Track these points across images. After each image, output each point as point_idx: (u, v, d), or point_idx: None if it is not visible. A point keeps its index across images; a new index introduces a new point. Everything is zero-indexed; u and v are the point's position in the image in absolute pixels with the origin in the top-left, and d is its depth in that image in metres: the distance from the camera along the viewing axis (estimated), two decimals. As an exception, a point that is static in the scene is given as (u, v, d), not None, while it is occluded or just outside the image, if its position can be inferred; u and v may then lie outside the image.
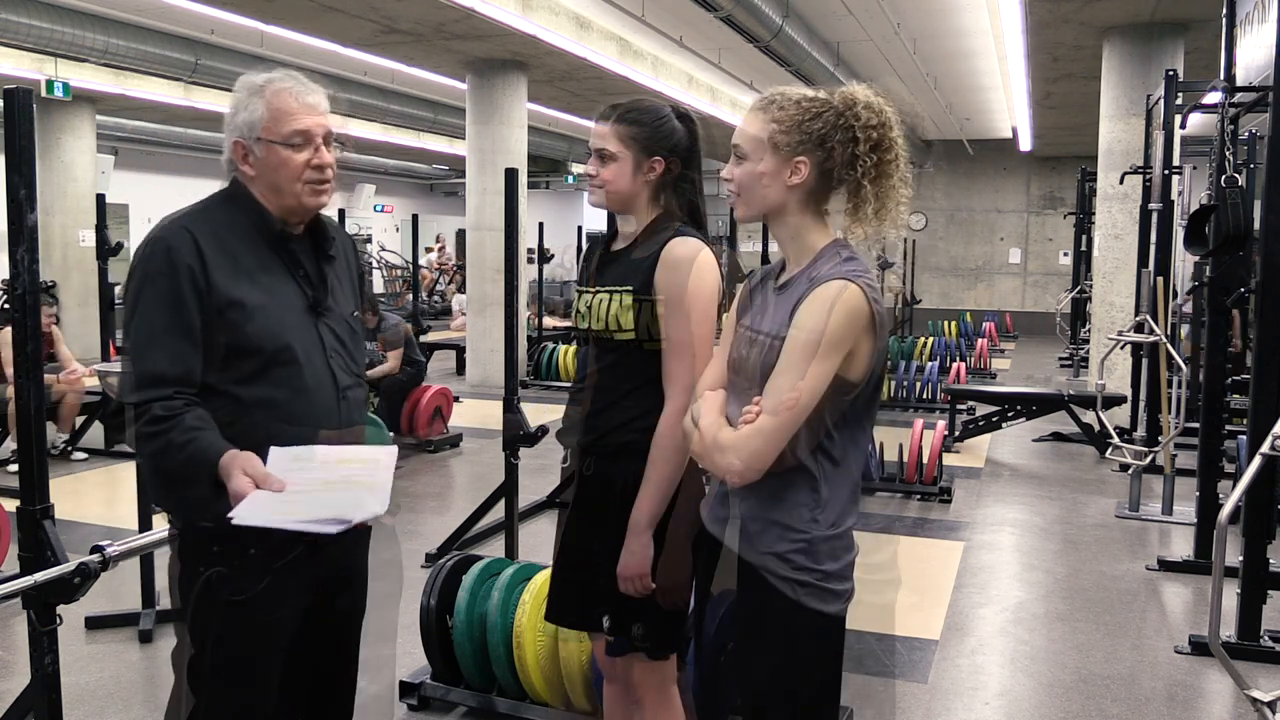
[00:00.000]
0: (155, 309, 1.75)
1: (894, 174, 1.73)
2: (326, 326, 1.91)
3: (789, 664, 1.71)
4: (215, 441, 1.72)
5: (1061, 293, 15.55)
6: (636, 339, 2.08)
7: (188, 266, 1.75)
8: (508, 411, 3.93)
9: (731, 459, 1.67)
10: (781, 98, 1.75)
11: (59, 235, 12.61)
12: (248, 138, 1.84)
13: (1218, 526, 2.48)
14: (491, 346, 10.36)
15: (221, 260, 1.78)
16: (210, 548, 1.79)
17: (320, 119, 1.87)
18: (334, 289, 1.95)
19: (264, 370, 1.80)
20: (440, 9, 8.09)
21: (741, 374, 1.78)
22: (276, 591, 1.85)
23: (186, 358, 1.75)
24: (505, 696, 3.13)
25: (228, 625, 1.83)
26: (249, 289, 1.80)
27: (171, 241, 1.76)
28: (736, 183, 1.77)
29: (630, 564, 2.05)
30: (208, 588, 1.80)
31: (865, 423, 1.75)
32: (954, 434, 7.43)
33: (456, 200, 24.65)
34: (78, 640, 3.73)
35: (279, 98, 1.83)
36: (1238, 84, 4.66)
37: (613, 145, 2.10)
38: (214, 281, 1.76)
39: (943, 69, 11.50)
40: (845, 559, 1.73)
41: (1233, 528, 2.92)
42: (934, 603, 4.32)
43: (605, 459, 2.14)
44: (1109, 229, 8.36)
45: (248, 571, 1.80)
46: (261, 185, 1.86)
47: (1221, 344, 4.87)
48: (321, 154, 1.87)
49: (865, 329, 1.65)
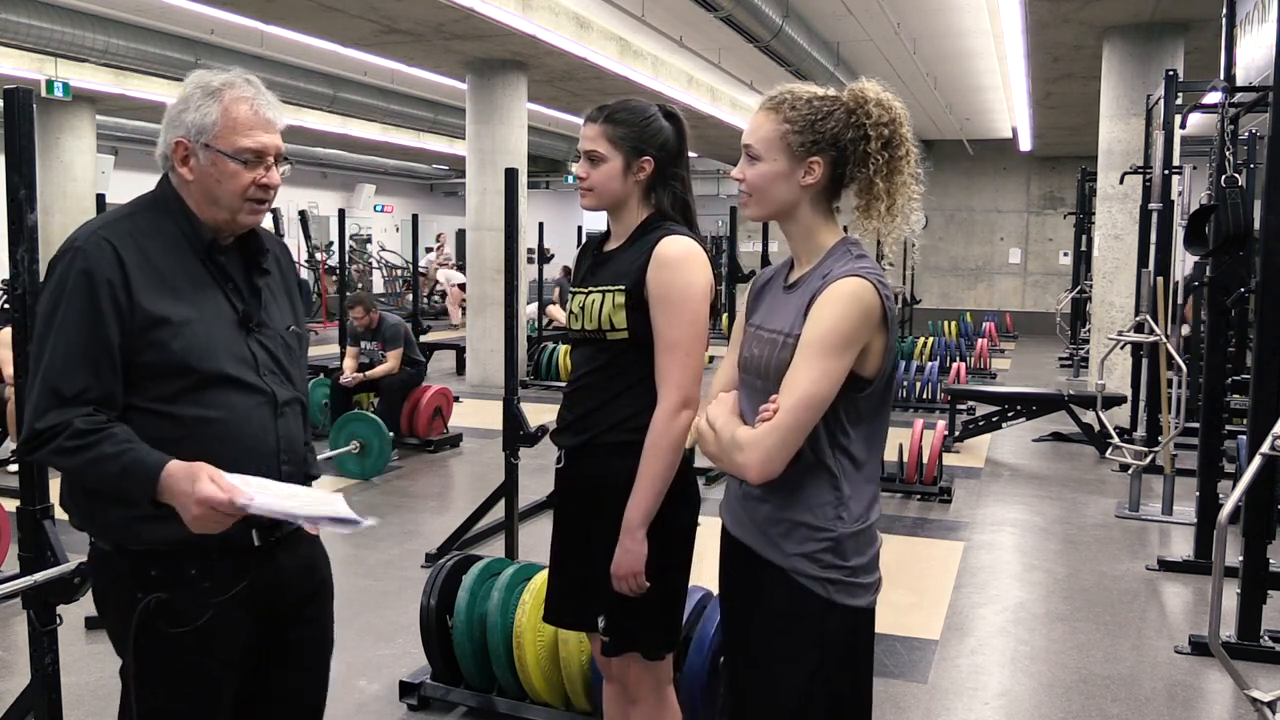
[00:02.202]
0: (73, 327, 1.61)
1: (905, 170, 1.73)
2: (258, 342, 1.77)
3: (827, 661, 1.71)
4: (151, 452, 1.58)
5: (1061, 293, 15.56)
6: (630, 338, 2.09)
7: (107, 281, 1.61)
8: (508, 411, 3.94)
9: (749, 456, 1.67)
10: (792, 97, 1.74)
11: (59, 235, 12.47)
12: (194, 140, 1.70)
13: (1218, 526, 2.48)
14: (491, 346, 10.37)
15: (144, 273, 1.65)
16: (148, 571, 1.66)
17: (275, 137, 1.75)
18: (268, 303, 1.82)
19: (193, 390, 1.67)
20: (440, 9, 8.10)
21: (753, 373, 1.78)
22: (225, 617, 1.70)
23: (107, 379, 1.62)
24: (505, 696, 3.13)
25: (175, 658, 1.69)
26: (174, 304, 1.66)
27: (90, 253, 1.63)
28: (749, 183, 1.76)
29: (625, 562, 2.05)
30: (146, 617, 1.65)
31: (881, 419, 1.76)
32: (954, 434, 7.43)
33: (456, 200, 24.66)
34: (78, 640, 3.73)
35: (236, 106, 1.70)
36: (1238, 84, 4.66)
37: (602, 147, 2.10)
38: (136, 297, 1.63)
39: (943, 69, 11.51)
40: (871, 551, 1.74)
41: (1233, 528, 2.92)
42: (934, 603, 4.32)
43: (599, 459, 2.14)
44: (1109, 229, 8.36)
45: (191, 596, 1.67)
46: (197, 192, 1.73)
47: (1221, 344, 4.87)
48: (271, 174, 1.74)
49: (878, 325, 1.66)
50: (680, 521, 2.15)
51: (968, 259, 18.48)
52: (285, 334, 1.84)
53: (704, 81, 12.81)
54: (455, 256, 21.25)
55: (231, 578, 1.70)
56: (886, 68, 11.06)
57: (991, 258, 18.41)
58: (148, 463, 1.57)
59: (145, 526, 1.64)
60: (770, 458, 1.65)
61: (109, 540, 1.71)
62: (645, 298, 2.06)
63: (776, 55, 8.99)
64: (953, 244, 18.55)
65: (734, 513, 1.84)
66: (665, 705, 2.24)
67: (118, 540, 1.69)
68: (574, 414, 2.18)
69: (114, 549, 1.70)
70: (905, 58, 10.42)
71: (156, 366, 1.65)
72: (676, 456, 2.06)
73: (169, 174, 1.76)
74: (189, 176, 1.72)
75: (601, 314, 2.10)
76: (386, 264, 21.69)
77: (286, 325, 1.86)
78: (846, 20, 9.42)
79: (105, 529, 1.71)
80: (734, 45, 9.38)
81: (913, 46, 10.24)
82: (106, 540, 1.71)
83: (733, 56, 10.39)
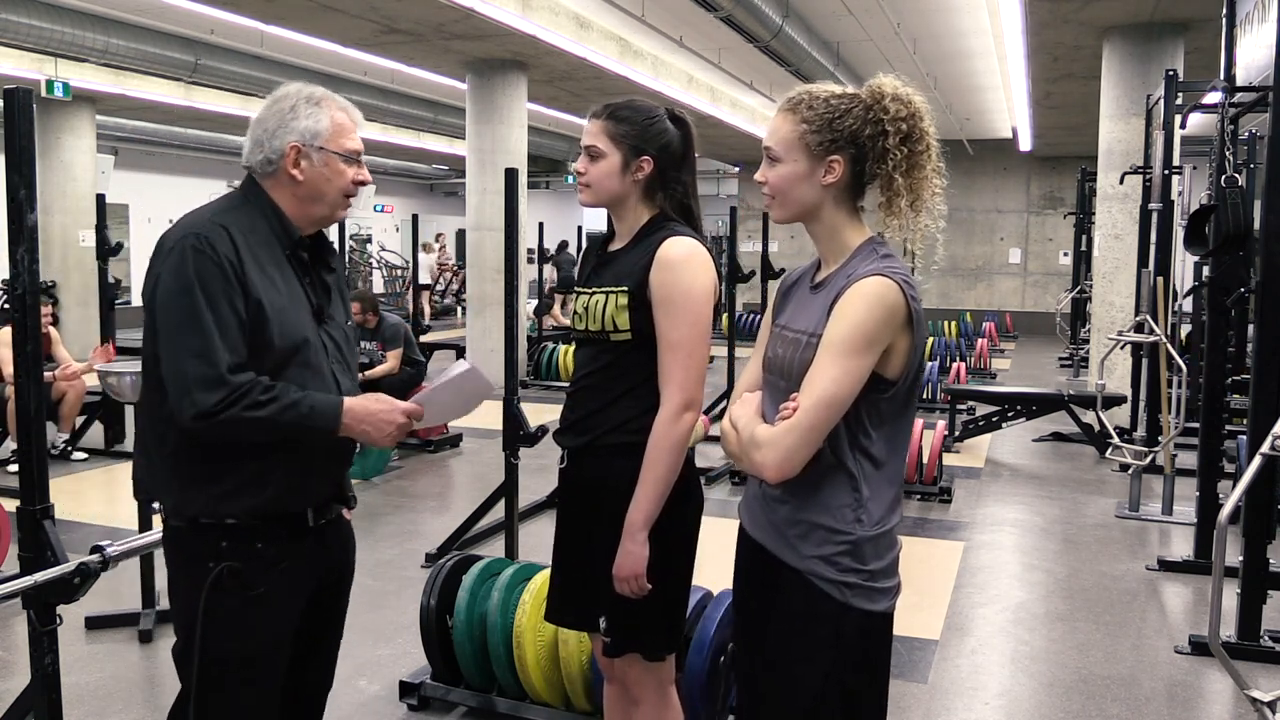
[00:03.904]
0: (220, 301, 1.77)
1: (926, 165, 1.72)
2: (327, 333, 1.96)
3: (841, 662, 1.70)
4: (326, 395, 1.85)
5: (1061, 293, 15.56)
6: (633, 339, 2.08)
7: (230, 262, 1.79)
8: (508, 411, 3.94)
9: (767, 455, 1.66)
10: (810, 97, 1.73)
11: (59, 235, 12.61)
12: (309, 144, 1.89)
13: (1218, 526, 2.48)
14: (491, 346, 10.36)
15: (251, 260, 1.83)
16: (219, 543, 1.83)
17: (361, 141, 1.98)
18: (334, 299, 2.03)
19: (279, 369, 1.83)
20: (440, 9, 8.10)
21: (777, 373, 1.77)
22: (286, 585, 1.90)
23: (244, 351, 1.80)
24: (505, 696, 3.13)
25: (241, 621, 1.85)
26: (273, 292, 1.85)
27: (213, 238, 1.79)
28: (771, 186, 1.75)
29: (626, 564, 2.05)
30: (219, 583, 1.82)
31: (904, 421, 1.73)
32: (954, 434, 7.43)
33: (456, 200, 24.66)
34: (78, 640, 3.73)
35: (339, 113, 1.93)
36: (1238, 84, 4.66)
37: (601, 143, 2.10)
38: (248, 281, 1.81)
39: (943, 69, 11.51)
40: (890, 556, 1.72)
41: (1233, 528, 2.92)
42: (934, 603, 4.32)
43: (601, 460, 2.13)
44: (1109, 229, 8.36)
45: (258, 566, 1.85)
46: (302, 191, 1.92)
47: (1221, 344, 4.87)
48: (364, 172, 1.98)
49: (903, 326, 1.64)
50: (683, 523, 2.14)
51: (968, 259, 18.48)
52: (347, 327, 2.05)
53: (704, 81, 12.81)
54: (455, 256, 21.26)
55: (291, 550, 1.90)
56: (886, 68, 10.78)
57: (991, 258, 18.41)
58: (331, 400, 1.85)
59: (224, 503, 1.83)
60: (789, 457, 1.64)
61: (184, 517, 1.87)
62: (648, 299, 2.06)
63: (776, 55, 8.99)
64: (953, 244, 18.54)
65: (752, 513, 1.83)
66: (668, 706, 2.24)
67: (195, 515, 1.85)
68: (576, 414, 2.18)
69: (188, 525, 1.86)
70: (905, 58, 10.42)
71: (255, 348, 1.81)
72: (679, 458, 2.06)
73: (261, 177, 1.93)
74: (300, 177, 1.91)
75: (605, 315, 2.10)
76: (386, 264, 21.68)
77: (345, 320, 2.06)
78: (846, 20, 9.42)
79: (184, 506, 1.86)
80: (734, 45, 9.38)
81: (913, 46, 10.24)
82: (182, 518, 1.87)
83: (733, 56, 10.39)
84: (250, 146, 1.93)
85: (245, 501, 1.83)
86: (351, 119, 1.97)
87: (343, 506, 2.05)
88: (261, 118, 1.93)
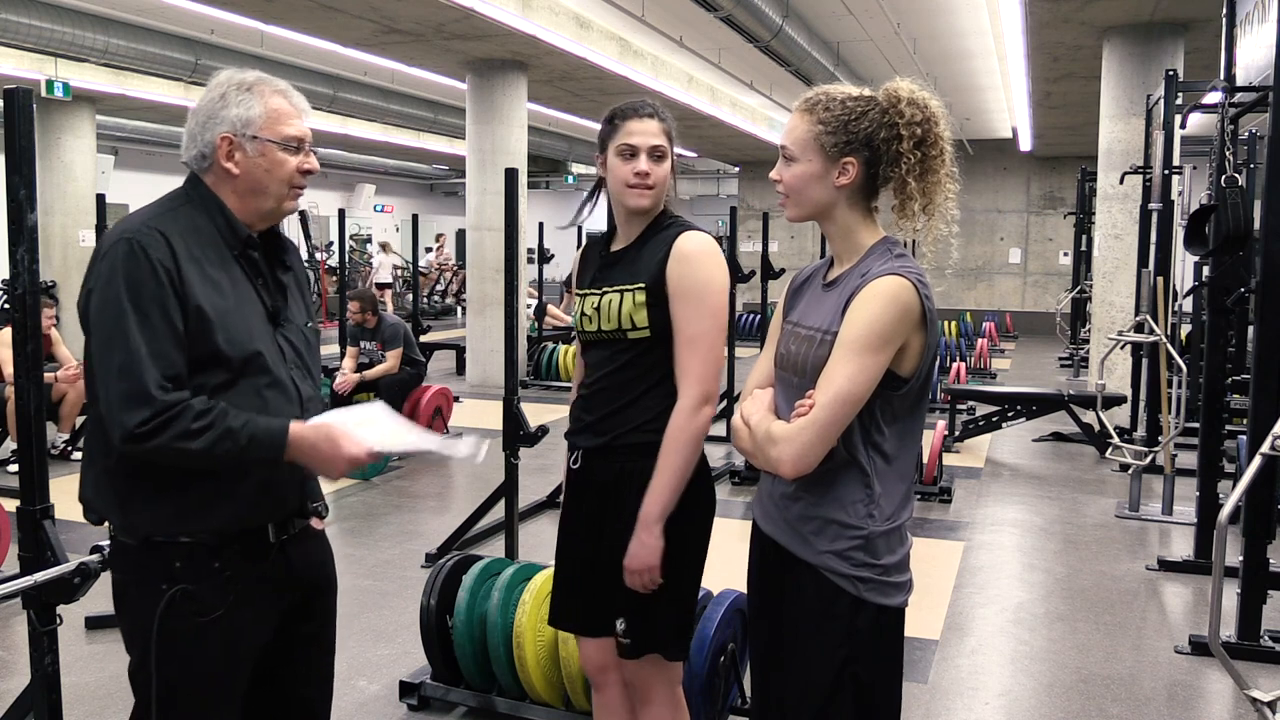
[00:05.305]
0: (153, 310, 1.64)
1: (940, 169, 1.73)
2: (284, 336, 1.84)
3: (854, 656, 1.72)
4: (269, 419, 1.69)
5: (1061, 293, 15.56)
6: (651, 336, 2.08)
7: (165, 268, 1.66)
8: (508, 411, 3.93)
9: (784, 451, 1.67)
10: (826, 98, 1.74)
11: (59, 235, 12.60)
12: (240, 134, 1.75)
13: (1218, 526, 2.48)
14: (491, 346, 10.36)
15: (191, 265, 1.70)
16: (173, 563, 1.71)
17: (307, 126, 1.84)
18: (290, 299, 1.90)
19: (232, 381, 1.72)
20: (440, 9, 8.10)
21: (790, 369, 1.78)
22: (248, 606, 1.77)
23: (182, 361, 1.66)
24: (505, 696, 3.13)
25: (198, 645, 1.73)
26: (216, 296, 1.71)
27: (147, 242, 1.66)
28: (785, 184, 1.77)
29: (640, 556, 2.03)
30: (171, 607, 1.70)
31: (916, 418, 1.75)
32: (954, 434, 7.43)
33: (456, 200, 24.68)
34: (78, 640, 3.73)
35: (275, 98, 1.79)
36: (1238, 84, 4.66)
37: (667, 143, 2.12)
38: (187, 287, 1.68)
39: (943, 69, 11.51)
40: (902, 551, 1.75)
41: (1233, 528, 2.92)
42: (934, 603, 4.32)
43: (619, 459, 2.12)
44: (1109, 229, 8.36)
45: (215, 587, 1.72)
46: (241, 185, 1.78)
47: (1221, 344, 4.87)
48: (311, 160, 1.83)
49: (917, 324, 1.66)
50: (697, 519, 2.14)
51: (968, 259, 18.47)
52: (305, 329, 1.92)
53: (704, 81, 12.81)
54: (455, 256, 21.25)
55: (251, 569, 1.77)
56: (886, 68, 11.06)
57: (991, 258, 18.40)
58: (273, 429, 1.68)
59: (177, 521, 1.70)
60: (805, 453, 1.66)
61: (136, 535, 1.73)
62: (665, 294, 2.06)
63: (776, 55, 8.99)
64: (953, 244, 18.52)
65: (766, 510, 1.84)
66: (678, 705, 2.24)
67: (147, 533, 1.72)
68: (594, 415, 2.16)
69: (140, 543, 1.73)
70: (905, 58, 10.42)
71: (201, 359, 1.69)
72: (696, 451, 2.06)
73: (200, 173, 1.80)
74: (235, 170, 1.77)
75: (621, 313, 2.09)
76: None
77: (304, 321, 1.93)
78: (846, 20, 9.42)
79: (134, 524, 1.73)
80: (734, 45, 9.38)
81: (913, 46, 10.24)
82: (133, 535, 1.74)
83: (733, 56, 10.39)
84: (185, 141, 1.80)
85: (200, 519, 1.71)
86: (292, 104, 1.81)
87: (310, 518, 1.90)
88: (195, 109, 1.80)
